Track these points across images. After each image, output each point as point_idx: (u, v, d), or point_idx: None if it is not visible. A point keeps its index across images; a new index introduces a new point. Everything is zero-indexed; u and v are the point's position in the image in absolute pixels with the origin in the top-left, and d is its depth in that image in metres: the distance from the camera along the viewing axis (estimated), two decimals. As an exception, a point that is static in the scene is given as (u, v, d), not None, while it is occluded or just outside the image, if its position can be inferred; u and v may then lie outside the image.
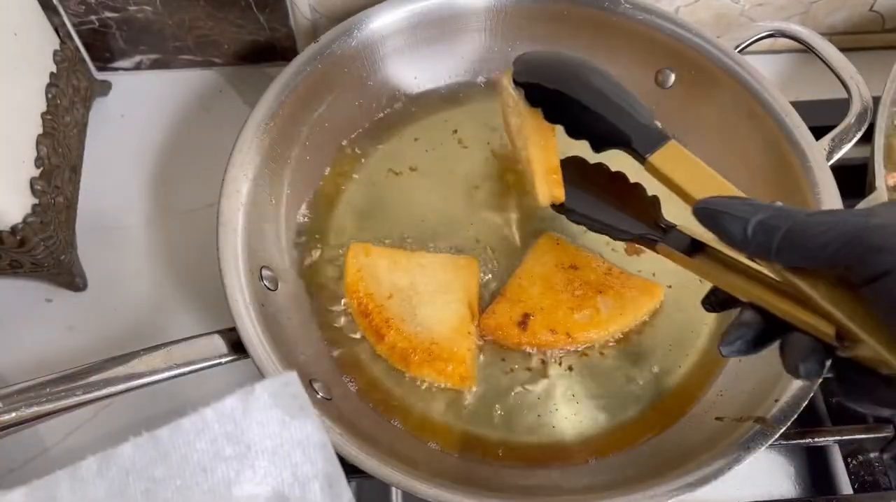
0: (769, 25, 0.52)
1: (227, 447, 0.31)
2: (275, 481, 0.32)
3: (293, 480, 0.32)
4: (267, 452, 0.32)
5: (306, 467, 0.32)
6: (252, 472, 0.31)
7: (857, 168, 0.49)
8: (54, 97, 0.49)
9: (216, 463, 0.31)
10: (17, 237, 0.45)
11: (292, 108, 0.49)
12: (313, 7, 0.55)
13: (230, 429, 0.32)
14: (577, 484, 0.43)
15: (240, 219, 0.45)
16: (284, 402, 0.32)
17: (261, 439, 0.32)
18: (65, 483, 0.31)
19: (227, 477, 0.31)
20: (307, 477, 0.32)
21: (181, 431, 0.31)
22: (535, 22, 0.54)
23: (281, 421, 0.32)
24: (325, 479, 0.32)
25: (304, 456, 0.32)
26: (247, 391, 0.32)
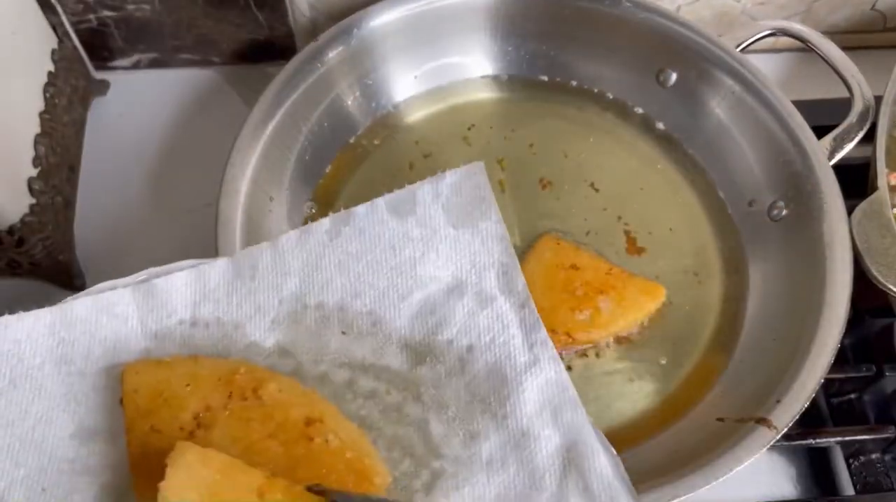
0: (770, 24, 0.52)
1: (416, 229, 0.33)
2: (455, 266, 0.33)
3: (471, 267, 0.33)
4: (449, 238, 0.33)
5: (484, 256, 0.33)
6: (436, 255, 0.33)
7: (859, 167, 0.49)
8: (52, 96, 0.49)
9: (404, 243, 0.33)
10: (15, 237, 0.44)
11: (291, 108, 0.49)
12: (312, 5, 0.55)
13: (420, 212, 0.33)
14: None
15: (238, 219, 0.45)
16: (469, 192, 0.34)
17: (445, 225, 0.33)
18: (267, 253, 0.33)
19: (412, 256, 0.33)
20: (484, 265, 0.33)
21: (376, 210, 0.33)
22: (535, 21, 0.54)
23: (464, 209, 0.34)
24: (500, 267, 0.33)
25: (482, 245, 0.33)
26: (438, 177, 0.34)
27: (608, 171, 0.53)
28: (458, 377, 0.32)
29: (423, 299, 0.33)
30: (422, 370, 0.32)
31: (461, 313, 0.32)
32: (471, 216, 0.34)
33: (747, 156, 0.52)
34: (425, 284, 0.33)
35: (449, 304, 0.33)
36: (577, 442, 0.31)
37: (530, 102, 0.56)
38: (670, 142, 0.55)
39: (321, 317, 0.32)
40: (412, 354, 0.32)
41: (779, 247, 0.49)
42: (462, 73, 0.56)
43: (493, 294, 0.33)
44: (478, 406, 0.31)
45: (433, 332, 0.32)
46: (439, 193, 0.34)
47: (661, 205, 0.52)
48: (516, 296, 0.33)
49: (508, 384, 0.31)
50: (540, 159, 0.54)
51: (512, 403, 0.31)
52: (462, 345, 0.32)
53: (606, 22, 0.53)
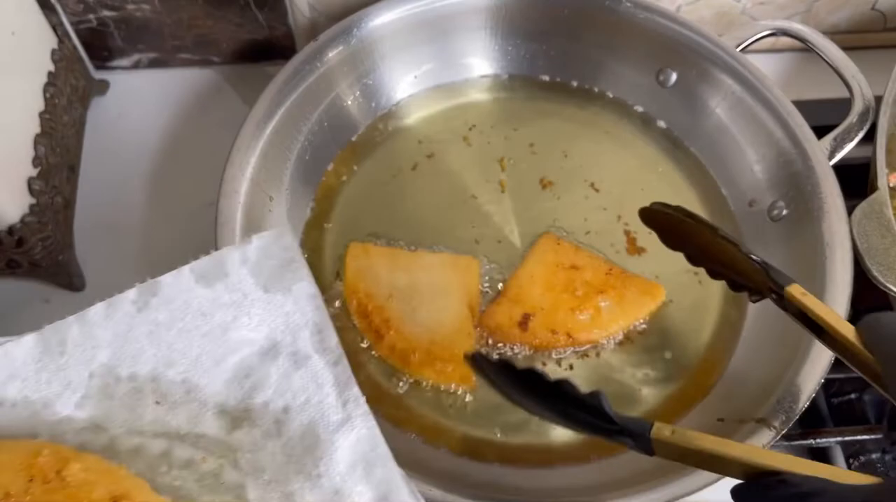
0: (771, 24, 0.52)
1: (226, 294, 0.33)
2: (268, 328, 0.33)
3: (285, 328, 0.33)
4: (261, 301, 0.33)
5: (297, 316, 0.34)
6: (248, 318, 0.33)
7: (860, 167, 0.49)
8: (52, 96, 0.49)
9: (215, 309, 0.33)
10: (15, 237, 0.44)
11: (291, 107, 0.49)
12: (312, 5, 0.55)
13: (229, 278, 0.33)
14: (577, 484, 0.43)
15: (238, 219, 0.45)
16: (277, 254, 0.34)
17: (255, 289, 0.33)
18: (74, 326, 0.33)
19: (224, 322, 0.33)
20: (298, 326, 0.33)
21: (183, 278, 0.33)
22: (536, 21, 0.54)
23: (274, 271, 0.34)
24: (313, 326, 0.33)
25: (294, 305, 0.34)
26: (244, 242, 0.34)
27: (608, 171, 0.53)
28: (275, 439, 0.32)
29: (238, 363, 0.33)
30: (239, 434, 0.32)
31: (276, 375, 0.33)
32: (281, 278, 0.34)
33: (747, 156, 0.52)
34: (239, 348, 0.33)
35: (264, 367, 0.33)
36: (389, 495, 0.32)
37: (530, 102, 0.56)
38: (670, 141, 0.55)
39: (134, 389, 0.32)
40: (229, 419, 0.32)
41: (779, 247, 0.49)
42: (462, 73, 0.56)
43: (308, 353, 0.33)
44: (293, 467, 0.31)
45: (249, 396, 0.33)
46: (247, 258, 0.34)
47: (661, 205, 0.52)
48: (330, 353, 0.33)
49: (322, 444, 0.32)
50: (540, 159, 0.54)
51: (325, 462, 0.31)
52: (278, 407, 0.32)
53: (607, 22, 0.53)
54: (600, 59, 0.55)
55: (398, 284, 0.47)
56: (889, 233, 0.44)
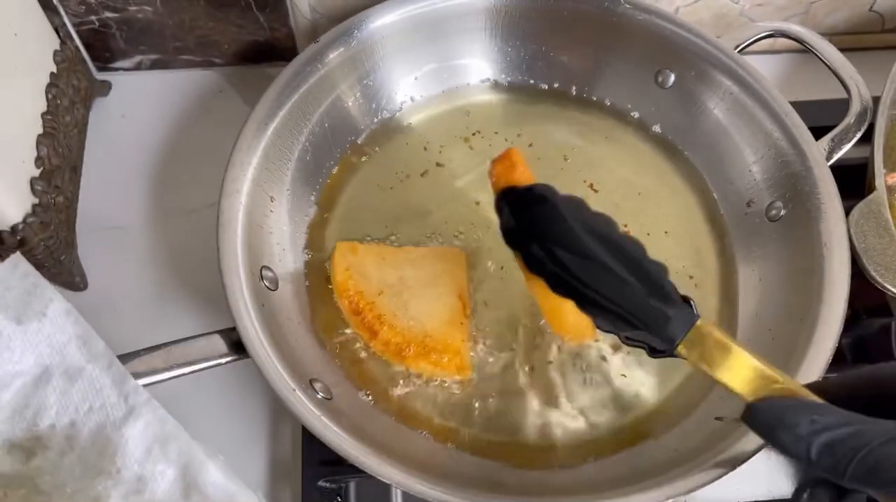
0: (769, 25, 0.52)
1: None
2: (34, 355, 0.34)
3: (51, 350, 0.34)
4: (18, 333, 0.34)
5: (58, 335, 0.34)
6: (10, 353, 0.34)
7: (857, 168, 0.49)
8: (54, 97, 0.49)
9: None
10: (17, 237, 0.45)
11: (292, 108, 0.49)
12: (313, 7, 0.55)
13: None
14: (576, 483, 0.43)
15: (240, 219, 0.45)
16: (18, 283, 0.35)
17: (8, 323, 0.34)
18: None
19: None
20: (62, 343, 0.34)
21: None
22: (535, 22, 0.54)
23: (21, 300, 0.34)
24: (77, 340, 0.34)
25: (53, 325, 0.34)
26: None
27: (607, 173, 0.54)
28: (69, 454, 0.33)
29: (13, 397, 0.34)
30: (36, 461, 0.33)
31: (54, 395, 0.34)
32: (30, 306, 0.34)
33: (745, 157, 0.52)
34: (10, 383, 0.34)
35: (40, 392, 0.34)
36: (189, 464, 0.33)
37: (530, 105, 0.56)
38: (668, 143, 0.55)
39: None
40: (20, 452, 0.33)
41: (777, 248, 0.49)
42: (462, 75, 0.57)
43: (80, 365, 0.34)
44: (92, 471, 0.32)
45: (34, 424, 0.33)
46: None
47: (659, 207, 0.53)
48: (101, 359, 0.34)
49: (112, 441, 0.33)
50: (540, 162, 0.54)
51: (120, 456, 0.33)
52: (64, 424, 0.33)
53: (605, 23, 0.53)
54: (599, 60, 0.55)
55: (388, 280, 0.47)
56: (887, 233, 0.45)
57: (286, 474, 0.46)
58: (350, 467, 0.38)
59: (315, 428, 0.38)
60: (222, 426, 0.47)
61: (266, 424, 0.47)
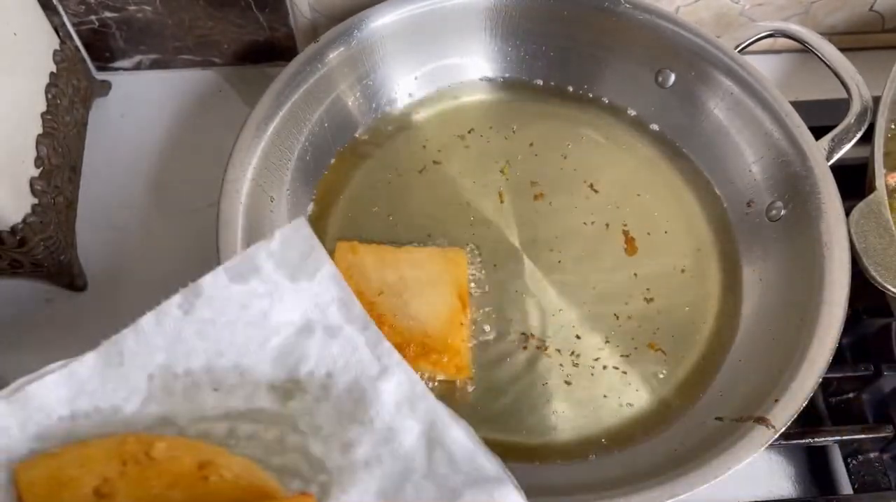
0: (769, 25, 0.52)
1: (260, 286, 0.37)
2: (301, 309, 0.37)
3: (314, 306, 0.37)
4: (291, 289, 0.37)
5: (324, 295, 0.38)
6: (282, 304, 0.37)
7: (857, 168, 0.49)
8: (54, 97, 0.49)
9: (252, 300, 0.37)
10: (17, 237, 0.45)
11: (292, 108, 0.49)
12: (313, 7, 0.55)
13: (260, 272, 0.37)
14: (576, 483, 0.43)
15: (240, 220, 0.45)
16: (298, 244, 0.38)
17: (284, 278, 0.37)
18: (130, 337, 0.36)
19: (262, 309, 0.37)
20: (325, 303, 0.38)
21: (220, 278, 0.37)
22: (535, 21, 0.54)
23: (298, 260, 0.38)
24: (338, 302, 0.38)
25: (320, 286, 0.38)
26: (267, 239, 0.38)
27: (607, 172, 0.54)
28: (325, 401, 0.36)
29: (280, 343, 0.37)
30: (292, 404, 0.36)
31: (315, 347, 0.37)
32: (304, 265, 0.38)
33: (745, 157, 0.52)
34: (279, 331, 0.37)
35: (303, 342, 0.37)
36: (435, 423, 0.36)
37: (530, 104, 0.56)
38: (668, 142, 0.55)
39: (191, 383, 0.36)
40: (281, 393, 0.36)
41: (777, 248, 0.49)
42: (462, 74, 0.57)
43: (339, 324, 0.37)
44: (346, 419, 0.35)
45: (295, 369, 0.37)
46: (272, 252, 0.37)
47: (659, 206, 0.53)
48: (357, 320, 0.37)
49: (367, 394, 0.36)
50: (540, 161, 0.54)
51: (374, 408, 0.36)
52: (322, 374, 0.37)
53: (606, 22, 0.53)
54: (599, 59, 0.55)
55: (388, 280, 0.47)
56: (887, 233, 0.44)
57: (286, 474, 0.46)
58: (350, 467, 0.38)
59: (315, 429, 0.38)
60: (222, 426, 0.47)
61: (266, 424, 0.47)
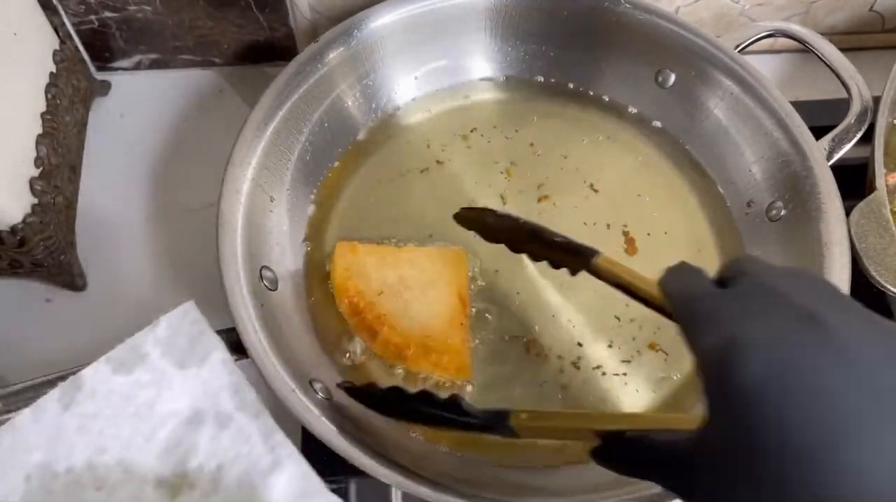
0: (769, 25, 0.52)
1: (145, 375, 0.36)
2: (189, 398, 0.37)
3: (205, 394, 0.37)
4: (179, 376, 0.37)
5: (214, 382, 0.37)
6: (169, 393, 0.36)
7: (858, 168, 0.49)
8: (54, 97, 0.49)
9: (137, 390, 0.36)
10: (17, 237, 0.45)
11: (292, 108, 0.49)
12: (313, 7, 0.55)
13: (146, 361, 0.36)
14: (575, 482, 0.43)
15: (240, 219, 0.45)
16: (186, 329, 0.37)
17: (171, 366, 0.37)
18: (5, 437, 0.35)
19: (148, 400, 0.36)
20: (216, 390, 0.37)
21: (102, 370, 0.36)
22: (535, 22, 0.54)
23: (186, 346, 0.37)
24: (231, 388, 0.37)
25: (211, 373, 0.37)
26: (153, 325, 0.37)
27: (607, 173, 0.54)
28: (214, 495, 0.35)
29: (167, 435, 0.36)
30: (181, 499, 0.35)
31: (205, 438, 0.36)
32: (193, 352, 0.37)
33: (746, 157, 0.52)
34: (166, 422, 0.36)
35: (192, 433, 0.36)
36: None
37: (530, 104, 0.56)
38: (669, 142, 0.55)
39: (73, 481, 0.35)
40: (168, 489, 0.35)
41: (777, 248, 0.49)
42: (462, 74, 0.57)
43: (230, 413, 0.37)
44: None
45: (183, 463, 0.36)
46: (159, 339, 0.37)
47: (659, 206, 0.53)
48: (250, 409, 0.37)
49: (258, 489, 0.35)
50: (541, 161, 0.54)
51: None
52: (212, 467, 0.36)
53: (605, 23, 0.53)
54: (599, 59, 0.55)
55: (388, 280, 0.47)
56: (887, 233, 0.45)
57: (286, 474, 0.46)
58: (350, 467, 0.38)
59: (315, 428, 0.38)
60: (222, 426, 0.47)
61: (266, 424, 0.47)
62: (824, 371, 0.23)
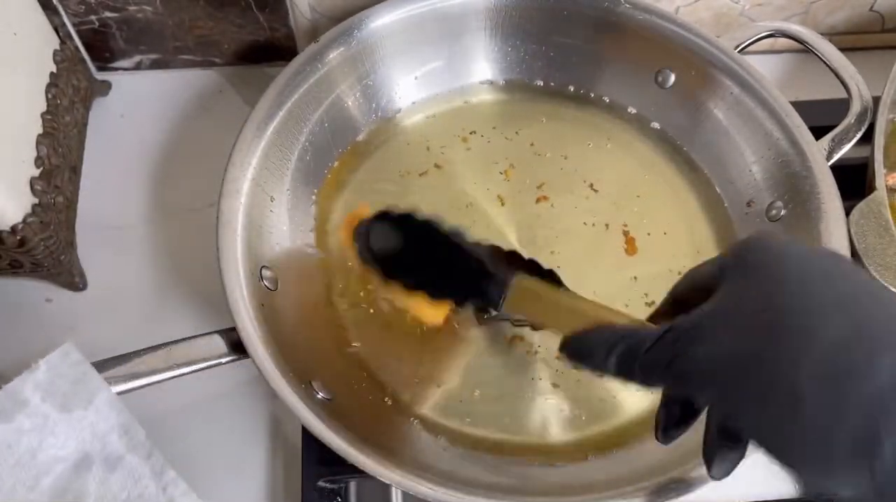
0: (769, 25, 0.52)
1: (27, 421, 0.35)
2: (76, 442, 0.35)
3: (92, 437, 0.35)
4: (63, 420, 0.35)
5: (101, 424, 0.36)
6: (53, 438, 0.35)
7: (858, 168, 0.49)
8: (54, 97, 0.49)
9: (19, 438, 0.34)
10: (17, 237, 0.45)
11: (292, 108, 0.49)
12: (313, 7, 0.55)
13: (26, 407, 0.35)
14: (575, 482, 0.43)
15: (240, 219, 0.45)
16: (68, 371, 0.36)
17: (55, 410, 0.35)
18: None
19: (31, 447, 0.34)
20: (104, 431, 0.36)
21: None
22: (535, 22, 0.54)
23: (69, 388, 0.36)
24: (120, 428, 0.36)
25: (97, 415, 0.36)
26: (31, 369, 0.36)
27: (607, 173, 0.54)
28: None
29: (53, 483, 0.34)
30: None
31: (94, 482, 0.35)
32: (77, 394, 0.35)
33: (745, 157, 0.52)
34: (51, 468, 0.35)
35: (80, 478, 0.35)
36: None
37: (530, 104, 0.56)
38: (669, 142, 0.55)
39: None
40: None
41: (777, 247, 0.49)
42: (462, 74, 0.57)
43: (120, 454, 0.35)
44: None
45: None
46: (39, 383, 0.35)
47: (659, 206, 0.53)
48: (141, 448, 0.36)
49: None
50: (540, 161, 0.54)
51: None
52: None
53: (605, 23, 0.53)
54: (599, 59, 0.55)
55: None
56: (887, 233, 0.45)
57: (286, 474, 0.46)
58: (350, 467, 0.38)
59: (315, 428, 0.38)
60: (222, 426, 0.47)
61: (266, 424, 0.47)
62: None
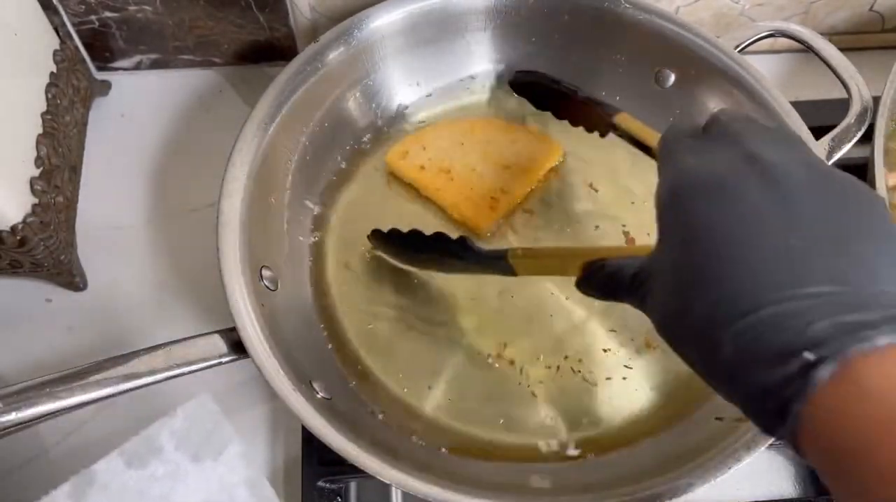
0: (769, 25, 0.52)
1: (159, 468, 0.36)
2: (205, 493, 0.36)
3: (220, 488, 0.36)
4: (194, 470, 0.36)
5: (230, 476, 0.36)
6: (184, 486, 0.36)
7: (858, 168, 0.49)
8: (54, 97, 0.49)
9: (151, 484, 0.35)
10: (17, 237, 0.45)
11: (292, 108, 0.49)
12: (313, 7, 0.55)
13: (161, 453, 0.36)
14: (575, 482, 0.43)
15: (240, 219, 0.45)
16: (203, 419, 0.37)
17: (186, 460, 0.36)
18: None
19: (162, 493, 0.35)
20: (232, 484, 0.36)
21: (114, 463, 0.36)
22: (535, 22, 0.54)
23: (203, 440, 0.37)
24: (247, 483, 0.36)
25: (226, 467, 0.36)
26: (169, 416, 0.37)
27: (607, 173, 0.54)
28: None
29: None
30: None
31: None
32: (209, 444, 0.37)
33: (746, 157, 0.52)
34: None
35: None
36: None
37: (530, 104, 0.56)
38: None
39: None
40: None
41: (777, 247, 0.49)
42: (462, 74, 0.57)
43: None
44: None
45: None
46: (175, 431, 0.36)
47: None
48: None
49: None
50: (539, 160, 0.54)
51: None
52: None
53: (605, 22, 0.53)
54: (599, 59, 0.55)
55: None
56: (887, 233, 0.44)
57: (286, 474, 0.46)
58: (350, 467, 0.38)
59: (315, 428, 0.38)
60: (222, 426, 0.47)
61: (266, 424, 0.47)
62: (752, 194, 0.28)
